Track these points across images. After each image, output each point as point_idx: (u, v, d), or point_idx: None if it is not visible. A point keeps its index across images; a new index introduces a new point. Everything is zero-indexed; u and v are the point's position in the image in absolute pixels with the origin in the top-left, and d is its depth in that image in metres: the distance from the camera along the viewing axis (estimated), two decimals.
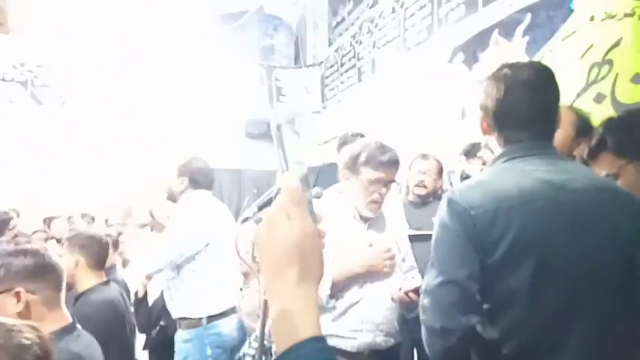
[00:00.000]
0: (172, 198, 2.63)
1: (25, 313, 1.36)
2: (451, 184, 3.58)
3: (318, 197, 1.69)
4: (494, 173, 1.13)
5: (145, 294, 3.30)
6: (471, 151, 2.68)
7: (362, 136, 2.46)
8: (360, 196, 1.86)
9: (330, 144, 6.27)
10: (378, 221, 1.93)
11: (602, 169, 1.37)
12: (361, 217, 1.90)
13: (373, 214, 1.88)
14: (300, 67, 6.59)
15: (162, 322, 2.79)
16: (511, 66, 1.18)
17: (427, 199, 2.99)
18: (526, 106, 1.13)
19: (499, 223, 1.00)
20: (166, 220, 2.82)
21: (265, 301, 1.41)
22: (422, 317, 1.07)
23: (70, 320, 1.47)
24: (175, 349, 2.47)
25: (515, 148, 1.14)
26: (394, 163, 1.87)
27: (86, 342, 1.47)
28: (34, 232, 4.35)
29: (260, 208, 1.41)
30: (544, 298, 0.99)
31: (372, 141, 1.92)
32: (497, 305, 1.02)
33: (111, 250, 2.50)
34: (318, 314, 0.53)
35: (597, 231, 1.03)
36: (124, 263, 3.74)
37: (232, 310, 2.52)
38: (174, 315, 2.50)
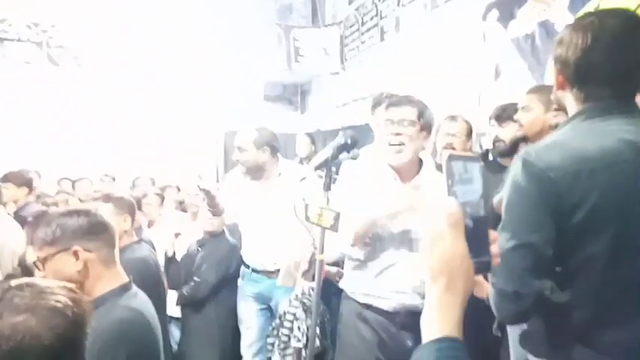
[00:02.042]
0: (257, 171, 2.58)
1: (84, 272, 1.37)
2: (481, 147, 3.50)
3: (355, 158, 1.65)
4: (572, 132, 1.06)
5: (174, 253, 3.37)
6: (502, 115, 2.58)
7: None
8: (382, 142, 1.82)
9: (349, 106, 6.17)
10: (418, 182, 1.86)
11: None
12: (397, 173, 1.83)
13: (395, 162, 1.81)
14: (319, 27, 6.39)
15: (196, 278, 2.85)
16: (598, 14, 1.09)
17: None
18: (614, 60, 1.04)
19: (580, 186, 0.95)
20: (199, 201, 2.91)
21: (321, 261, 1.41)
22: (492, 280, 1.04)
23: (127, 278, 1.47)
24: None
25: (597, 106, 1.06)
26: (405, 102, 1.79)
27: (144, 299, 1.48)
28: (58, 193, 4.38)
29: (316, 168, 1.39)
30: (621, 267, 0.95)
31: (391, 93, 1.92)
32: (572, 270, 0.98)
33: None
34: (458, 320, 0.63)
35: None
36: (149, 224, 3.78)
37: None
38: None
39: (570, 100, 1.10)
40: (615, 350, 0.97)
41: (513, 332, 2.18)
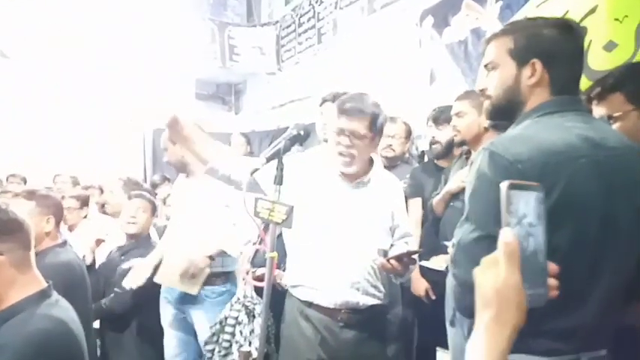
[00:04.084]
0: (181, 167, 2.53)
1: None
2: (417, 148, 3.61)
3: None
4: (534, 127, 1.08)
5: (93, 261, 3.08)
6: (439, 117, 2.66)
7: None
8: (331, 147, 1.76)
9: (285, 107, 6.13)
10: (364, 182, 1.84)
11: (607, 110, 1.39)
12: (344, 175, 1.80)
13: (344, 169, 1.76)
14: (255, 26, 6.30)
15: (116, 289, 2.57)
16: (569, 19, 1.15)
17: (395, 163, 2.98)
18: (580, 60, 1.11)
19: (547, 178, 0.96)
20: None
21: (272, 259, 1.35)
22: (453, 271, 1.04)
23: (46, 284, 1.32)
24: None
25: (553, 103, 1.10)
26: (357, 111, 1.70)
27: (66, 307, 1.33)
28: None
29: (268, 160, 1.33)
30: (577, 257, 0.99)
31: (355, 92, 1.79)
32: None
33: None
34: (504, 351, 0.63)
35: (629, 193, 1.03)
36: (70, 228, 3.47)
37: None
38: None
39: (538, 96, 1.11)
40: (568, 337, 1.01)
41: (455, 334, 2.22)
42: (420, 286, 2.57)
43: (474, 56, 2.95)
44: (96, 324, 2.69)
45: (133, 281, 2.31)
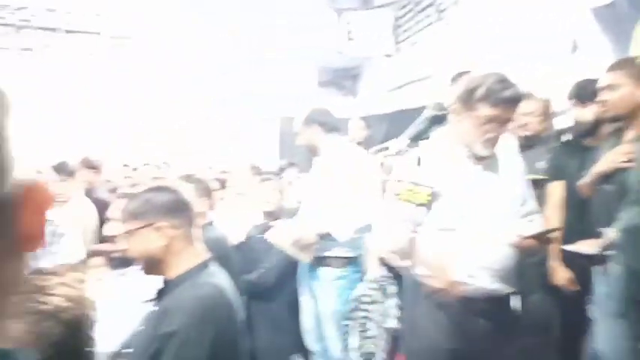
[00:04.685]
0: (312, 150, 2.62)
1: (167, 248, 1.39)
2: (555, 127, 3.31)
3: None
4: None
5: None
6: (582, 93, 2.41)
7: None
8: (474, 134, 1.71)
9: (402, 90, 6.03)
10: (492, 161, 1.79)
11: None
12: (475, 157, 1.76)
13: (488, 153, 1.73)
14: (371, 9, 6.25)
15: (264, 265, 2.81)
16: None
17: (531, 142, 2.78)
18: None
19: None
20: None
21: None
22: (622, 258, 0.97)
23: (207, 256, 1.49)
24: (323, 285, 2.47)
25: None
26: (516, 100, 1.69)
27: (222, 276, 1.48)
28: (125, 178, 4.55)
29: (412, 140, 1.35)
30: None
31: (493, 73, 1.73)
32: None
33: None
34: None
35: None
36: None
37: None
38: (319, 253, 2.49)
39: None
40: None
41: (611, 327, 2.02)
42: (561, 274, 2.38)
43: (627, 20, 2.60)
44: None
45: (272, 236, 2.50)
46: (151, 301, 1.44)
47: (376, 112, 6.14)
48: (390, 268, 2.06)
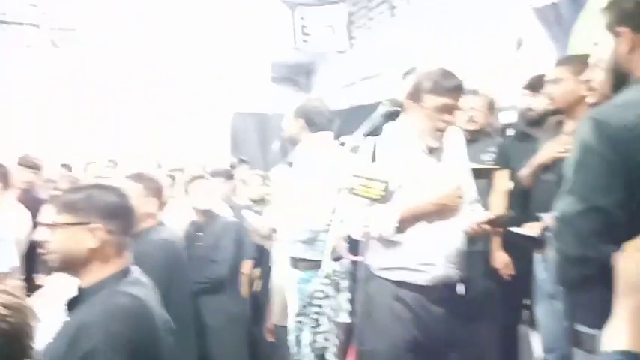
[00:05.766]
0: (293, 143, 2.54)
1: (95, 253, 1.28)
2: (499, 121, 3.43)
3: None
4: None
5: None
6: (536, 84, 2.51)
7: None
8: (425, 125, 1.79)
9: (357, 85, 6.07)
10: (441, 153, 1.88)
11: None
12: (427, 149, 1.84)
13: (439, 143, 1.83)
14: (324, 4, 6.25)
15: (214, 259, 2.82)
16: None
17: (476, 136, 2.87)
18: None
19: None
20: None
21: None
22: (556, 245, 1.02)
23: (130, 263, 1.37)
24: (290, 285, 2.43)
25: None
26: (458, 89, 1.81)
27: (144, 283, 1.37)
28: (62, 178, 4.32)
29: (367, 136, 1.35)
30: None
31: (437, 68, 1.84)
32: None
33: None
34: None
35: None
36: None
37: None
38: (290, 254, 2.43)
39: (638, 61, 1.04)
40: None
41: (551, 308, 2.14)
42: (500, 259, 2.50)
43: (568, 19, 2.72)
44: None
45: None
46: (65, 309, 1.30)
47: (331, 108, 6.15)
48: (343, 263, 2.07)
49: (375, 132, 1.44)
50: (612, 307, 1.04)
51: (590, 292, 1.08)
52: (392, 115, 1.48)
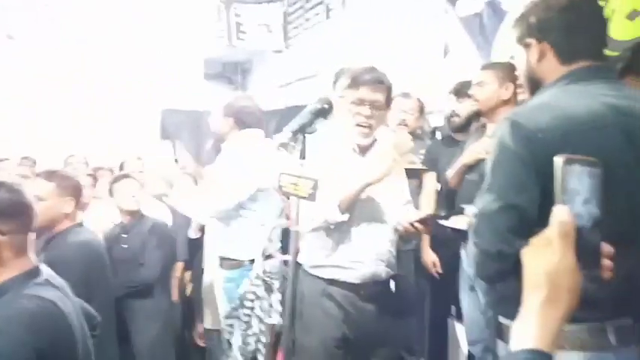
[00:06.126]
0: (221, 140, 2.50)
1: None
2: (429, 124, 3.56)
3: (312, 133, 1.60)
4: (559, 95, 1.07)
5: None
6: (461, 90, 2.63)
7: None
8: (349, 121, 1.81)
9: (293, 86, 6.06)
10: (370, 150, 1.88)
11: None
12: (359, 147, 1.85)
13: (363, 139, 1.82)
14: (261, 3, 6.19)
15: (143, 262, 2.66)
16: None
17: None
18: (596, 26, 1.10)
19: (569, 147, 0.95)
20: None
21: (296, 233, 1.35)
22: (475, 240, 1.05)
23: (36, 264, 1.28)
24: (217, 286, 2.38)
25: (581, 71, 1.08)
26: (378, 82, 1.78)
27: (57, 285, 1.28)
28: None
29: (294, 134, 1.33)
30: (607, 228, 0.99)
31: (361, 66, 1.86)
32: None
33: None
34: (556, 335, 0.60)
35: None
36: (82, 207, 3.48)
37: None
38: (218, 253, 2.36)
39: (551, 68, 1.11)
40: (594, 305, 0.99)
41: (472, 301, 2.26)
42: (428, 257, 2.61)
43: (490, 29, 2.88)
44: None
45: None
46: None
47: (267, 107, 6.09)
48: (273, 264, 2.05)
49: (304, 129, 1.42)
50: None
51: (507, 285, 1.14)
52: (321, 113, 1.48)
